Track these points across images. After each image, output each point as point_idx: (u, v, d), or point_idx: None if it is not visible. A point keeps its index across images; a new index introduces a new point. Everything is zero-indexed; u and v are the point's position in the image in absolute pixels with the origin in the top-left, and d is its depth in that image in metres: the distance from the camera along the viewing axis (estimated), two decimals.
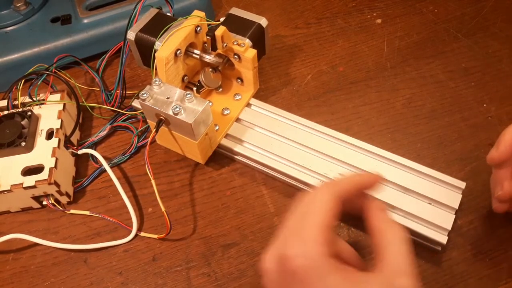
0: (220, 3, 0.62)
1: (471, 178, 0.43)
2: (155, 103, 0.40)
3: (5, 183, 0.41)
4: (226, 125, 0.46)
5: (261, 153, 0.44)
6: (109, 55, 0.53)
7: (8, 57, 0.53)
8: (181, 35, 0.43)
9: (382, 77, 0.52)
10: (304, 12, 0.60)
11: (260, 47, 0.48)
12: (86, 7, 0.56)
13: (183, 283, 0.40)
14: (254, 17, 0.48)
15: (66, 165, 0.45)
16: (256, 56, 0.45)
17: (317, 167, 0.42)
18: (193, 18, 0.44)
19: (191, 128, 0.39)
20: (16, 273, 0.41)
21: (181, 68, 0.45)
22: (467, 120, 0.48)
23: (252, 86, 0.48)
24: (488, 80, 0.51)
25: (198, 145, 0.41)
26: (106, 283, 0.40)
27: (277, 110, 0.47)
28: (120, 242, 0.42)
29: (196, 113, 0.39)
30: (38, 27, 0.55)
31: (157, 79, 0.41)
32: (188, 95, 0.40)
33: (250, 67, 0.45)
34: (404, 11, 0.59)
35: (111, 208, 0.44)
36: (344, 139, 0.44)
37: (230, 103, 0.48)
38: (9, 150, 0.43)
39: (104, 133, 0.49)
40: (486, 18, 0.57)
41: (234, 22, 0.47)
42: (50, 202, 0.43)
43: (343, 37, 0.57)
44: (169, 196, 0.45)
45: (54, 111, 0.46)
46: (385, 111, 0.49)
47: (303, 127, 0.46)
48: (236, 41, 0.44)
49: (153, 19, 0.47)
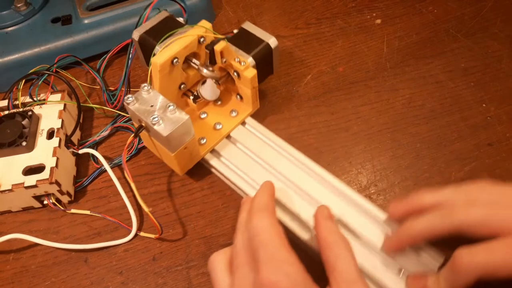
0: (220, 3, 0.62)
1: (470, 178, 0.43)
2: (137, 109, 0.39)
3: (6, 183, 0.41)
4: (214, 141, 0.45)
5: (240, 176, 0.43)
6: (110, 55, 0.53)
7: (8, 58, 0.53)
8: (182, 44, 0.42)
9: (381, 77, 0.52)
10: (304, 12, 0.60)
11: (266, 66, 0.47)
12: (87, 8, 0.56)
13: (183, 283, 0.40)
14: (264, 35, 0.46)
15: (67, 165, 0.45)
16: (256, 77, 0.43)
17: (293, 204, 0.40)
18: (198, 28, 0.43)
19: (166, 140, 0.38)
20: (17, 273, 0.41)
21: (179, 76, 0.44)
22: (467, 120, 0.48)
23: (251, 105, 0.46)
24: (488, 80, 0.51)
25: (174, 157, 0.40)
26: (107, 283, 0.40)
27: (270, 135, 0.45)
28: (120, 241, 0.42)
29: (173, 126, 0.38)
30: (39, 27, 0.55)
31: (146, 85, 0.40)
32: (170, 106, 0.38)
33: (249, 86, 0.44)
34: (403, 12, 0.59)
35: (111, 208, 0.44)
36: (329, 180, 0.41)
37: (225, 118, 0.46)
38: (10, 149, 0.43)
39: (105, 133, 0.49)
40: (486, 18, 0.57)
41: (243, 38, 0.46)
42: (51, 202, 0.43)
43: (343, 38, 0.57)
44: (169, 196, 0.45)
45: (55, 111, 0.46)
46: (384, 111, 0.49)
47: (292, 158, 0.43)
48: (238, 57, 0.43)
49: (161, 22, 0.46)
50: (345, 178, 0.44)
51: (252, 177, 0.42)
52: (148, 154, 0.48)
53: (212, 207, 0.44)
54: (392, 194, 0.43)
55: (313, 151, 0.46)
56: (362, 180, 0.44)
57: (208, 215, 0.43)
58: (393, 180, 0.44)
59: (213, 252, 0.41)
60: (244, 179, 0.42)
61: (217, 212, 0.43)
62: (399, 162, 0.45)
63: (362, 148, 0.47)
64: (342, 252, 0.30)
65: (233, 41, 0.45)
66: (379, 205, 0.39)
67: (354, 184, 0.44)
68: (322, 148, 0.47)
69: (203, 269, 0.40)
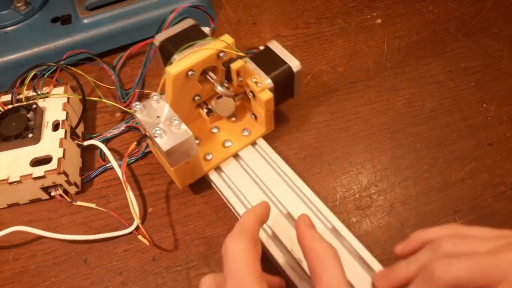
0: (220, 3, 0.62)
1: (471, 178, 0.43)
2: (143, 118, 0.39)
3: (15, 175, 0.42)
4: (220, 159, 0.43)
5: (236, 195, 0.42)
6: (127, 54, 0.53)
7: (8, 57, 0.53)
8: (199, 57, 0.40)
9: (382, 77, 0.52)
10: (304, 12, 0.60)
11: (286, 90, 0.45)
12: (86, 7, 0.56)
13: (183, 283, 0.40)
14: (288, 57, 0.44)
15: (73, 156, 0.45)
16: (272, 100, 0.42)
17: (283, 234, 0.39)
18: (219, 42, 0.41)
19: (166, 154, 0.37)
20: (16, 273, 0.41)
21: (193, 88, 0.43)
22: (467, 120, 0.48)
23: (264, 126, 0.45)
24: (488, 80, 0.51)
25: (174, 171, 0.40)
26: (106, 283, 0.40)
27: (278, 160, 0.43)
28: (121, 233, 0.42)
29: (174, 142, 0.37)
30: (38, 27, 0.55)
31: (157, 95, 0.39)
32: (175, 120, 0.38)
33: (263, 108, 0.42)
34: (404, 11, 0.59)
35: (115, 205, 0.44)
36: (329, 218, 0.39)
37: (236, 136, 0.45)
38: (16, 142, 0.43)
39: (117, 131, 0.49)
40: (486, 18, 0.57)
41: (265, 57, 0.44)
42: (58, 193, 0.44)
43: (343, 37, 0.57)
44: (169, 196, 0.45)
45: (59, 103, 0.47)
46: (385, 111, 0.49)
47: (296, 188, 0.42)
48: (255, 78, 0.41)
49: (185, 31, 0.44)
50: (345, 178, 0.44)
51: (247, 197, 0.41)
52: (148, 154, 0.48)
53: (212, 207, 0.44)
54: (392, 194, 0.43)
55: (313, 151, 0.46)
56: (363, 180, 0.44)
57: (208, 215, 0.43)
58: (393, 180, 0.44)
59: (213, 252, 0.41)
60: (239, 198, 0.42)
61: (217, 212, 0.43)
62: (400, 162, 0.45)
63: (362, 148, 0.46)
64: (330, 262, 0.29)
65: (255, 59, 0.44)
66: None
67: (355, 184, 0.44)
68: (322, 148, 0.47)
69: (203, 270, 0.40)
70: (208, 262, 0.40)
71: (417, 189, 0.43)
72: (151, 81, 0.54)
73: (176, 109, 0.39)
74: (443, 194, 0.43)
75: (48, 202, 0.45)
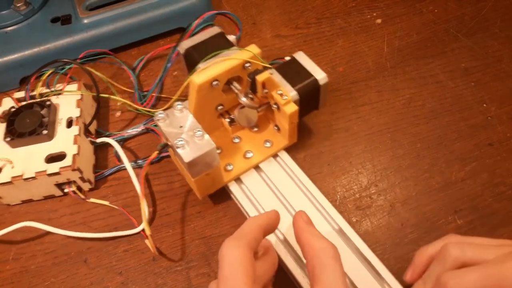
0: (220, 3, 0.62)
1: (471, 178, 0.43)
2: (166, 128, 0.38)
3: (29, 171, 0.42)
4: (241, 170, 0.43)
5: (256, 207, 0.41)
6: (148, 56, 0.54)
7: (8, 57, 0.53)
8: (224, 67, 0.40)
9: (382, 77, 0.52)
10: (304, 12, 0.60)
11: (311, 102, 0.44)
12: (86, 7, 0.56)
13: (183, 283, 0.40)
14: (315, 69, 0.43)
15: (87, 153, 0.45)
16: (297, 113, 0.41)
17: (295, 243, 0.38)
18: (245, 52, 0.40)
19: (188, 165, 0.37)
20: (16, 273, 0.41)
21: (217, 97, 0.42)
22: (467, 120, 0.48)
23: (287, 139, 0.44)
24: (488, 80, 0.51)
25: (195, 182, 0.40)
26: (106, 283, 0.40)
27: (300, 174, 0.42)
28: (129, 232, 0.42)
29: (197, 153, 0.36)
30: (38, 27, 0.55)
31: (180, 104, 0.39)
32: (198, 131, 0.37)
33: (287, 121, 0.41)
34: (404, 11, 0.59)
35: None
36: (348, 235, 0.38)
37: (257, 147, 0.44)
38: (31, 138, 0.43)
39: (135, 131, 0.49)
40: (486, 18, 0.57)
41: (291, 68, 0.43)
42: (71, 190, 0.44)
43: (343, 37, 0.57)
44: (169, 196, 0.45)
45: (72, 100, 0.47)
46: (385, 111, 0.49)
47: (317, 204, 0.41)
48: (280, 90, 0.40)
49: (211, 39, 0.44)
50: (345, 178, 0.44)
51: (267, 210, 0.40)
52: (163, 158, 0.47)
53: (212, 208, 0.44)
54: (392, 195, 0.43)
55: (313, 151, 0.46)
56: (363, 180, 0.44)
57: (208, 215, 0.43)
58: (393, 180, 0.44)
59: (213, 252, 0.41)
60: (259, 211, 0.41)
61: (217, 212, 0.43)
62: (400, 162, 0.45)
63: (363, 148, 0.46)
64: (329, 263, 0.28)
65: (280, 70, 0.43)
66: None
67: (355, 184, 0.44)
68: (322, 148, 0.47)
69: (203, 270, 0.40)
70: (208, 262, 0.40)
71: (417, 189, 0.43)
72: (169, 87, 0.53)
73: (199, 118, 0.39)
74: (443, 194, 0.43)
75: (62, 199, 0.45)
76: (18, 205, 0.45)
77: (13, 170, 0.42)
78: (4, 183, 0.42)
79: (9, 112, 0.45)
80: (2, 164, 0.43)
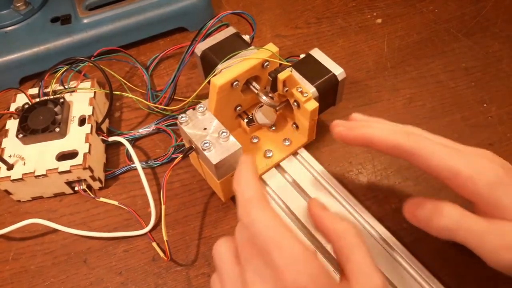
0: (220, 3, 0.62)
1: None
2: (190, 130, 0.38)
3: (41, 168, 0.42)
4: (263, 169, 0.43)
5: (283, 210, 0.41)
6: (162, 55, 0.53)
7: (7, 57, 0.53)
8: (244, 67, 0.39)
9: (382, 77, 0.52)
10: (304, 12, 0.60)
11: (329, 98, 0.45)
12: (86, 7, 0.56)
13: (183, 283, 0.40)
14: (332, 65, 0.43)
15: (98, 152, 0.45)
16: (317, 110, 0.41)
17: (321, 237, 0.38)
18: (264, 51, 0.40)
19: (215, 167, 0.37)
20: (16, 273, 0.41)
21: (236, 98, 0.42)
22: (468, 120, 0.48)
23: (306, 136, 0.44)
24: (488, 80, 0.51)
25: (220, 183, 0.40)
26: (106, 283, 0.40)
27: (322, 171, 0.43)
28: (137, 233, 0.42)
29: (223, 155, 0.37)
30: (38, 27, 0.55)
31: (202, 106, 0.39)
32: (224, 132, 0.37)
33: (308, 119, 0.42)
34: (404, 11, 0.59)
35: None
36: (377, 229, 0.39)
37: (276, 146, 0.44)
38: (43, 135, 0.43)
39: (146, 131, 0.48)
40: (486, 18, 0.57)
41: (308, 65, 0.43)
42: (81, 188, 0.44)
43: (343, 37, 0.57)
44: (169, 196, 0.45)
45: (85, 98, 0.47)
46: (385, 111, 0.49)
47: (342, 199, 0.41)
48: (300, 87, 0.40)
49: (226, 40, 0.44)
50: (346, 179, 0.44)
51: (292, 209, 0.41)
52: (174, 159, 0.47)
53: (212, 207, 0.44)
54: (392, 195, 0.43)
55: (314, 151, 0.46)
56: (363, 181, 0.44)
57: (208, 215, 0.43)
58: (393, 180, 0.44)
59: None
60: (284, 211, 0.41)
61: (217, 212, 0.43)
62: (400, 162, 0.45)
63: (363, 148, 0.46)
64: (356, 241, 0.29)
65: (297, 68, 0.43)
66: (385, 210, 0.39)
67: (355, 184, 0.44)
68: (322, 148, 0.47)
69: (203, 270, 0.40)
70: (208, 262, 0.40)
71: (417, 189, 0.43)
72: (182, 87, 0.53)
73: (218, 119, 0.39)
74: (443, 194, 0.43)
75: (71, 197, 0.45)
76: (29, 202, 0.45)
77: (24, 167, 0.42)
78: (15, 180, 0.42)
79: (22, 108, 0.46)
80: (14, 160, 0.43)
